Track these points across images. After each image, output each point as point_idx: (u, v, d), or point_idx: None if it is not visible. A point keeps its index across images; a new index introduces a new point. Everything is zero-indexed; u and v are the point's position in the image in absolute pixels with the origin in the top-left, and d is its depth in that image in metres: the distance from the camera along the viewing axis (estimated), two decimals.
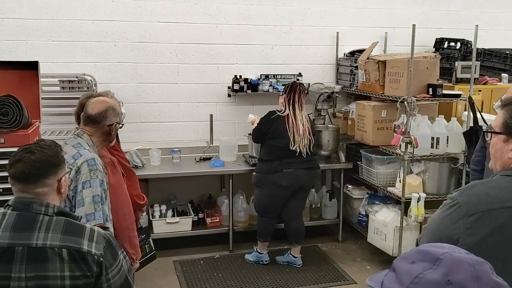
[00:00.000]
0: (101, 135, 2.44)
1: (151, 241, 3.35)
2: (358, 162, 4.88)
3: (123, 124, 2.63)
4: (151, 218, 4.69)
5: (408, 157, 4.13)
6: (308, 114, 4.40)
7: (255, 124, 4.45)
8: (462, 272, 0.80)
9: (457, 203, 1.47)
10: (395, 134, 4.12)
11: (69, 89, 4.35)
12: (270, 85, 5.05)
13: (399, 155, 4.22)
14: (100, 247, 1.66)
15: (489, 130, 1.68)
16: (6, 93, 3.01)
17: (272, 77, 5.12)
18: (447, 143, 4.27)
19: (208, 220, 4.87)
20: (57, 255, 1.58)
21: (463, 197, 1.48)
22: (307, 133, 4.23)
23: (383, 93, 4.49)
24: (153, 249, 3.35)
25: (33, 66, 3.32)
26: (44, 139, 1.77)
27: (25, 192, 1.64)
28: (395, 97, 4.24)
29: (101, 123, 2.42)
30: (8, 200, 1.68)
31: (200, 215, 4.91)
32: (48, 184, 1.66)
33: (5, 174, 1.79)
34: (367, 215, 4.75)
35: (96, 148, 2.41)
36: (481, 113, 4.19)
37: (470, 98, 4.16)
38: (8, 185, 1.72)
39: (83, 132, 2.39)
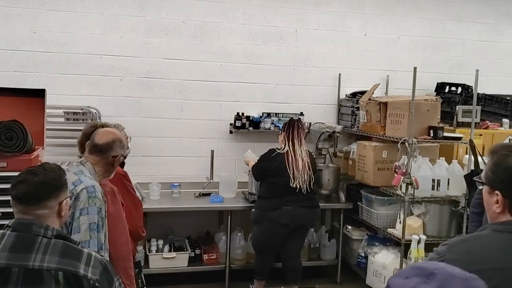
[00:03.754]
0: (104, 165, 2.45)
1: (143, 276, 3.30)
2: (358, 203, 4.86)
3: (126, 157, 2.64)
4: (147, 253, 4.63)
5: (409, 198, 4.12)
6: (308, 151, 4.41)
7: (251, 164, 4.47)
8: (455, 286, 0.79)
9: (445, 259, 1.37)
10: (395, 174, 4.12)
11: (74, 120, 4.40)
12: (272, 123, 5.10)
13: (400, 196, 4.21)
14: (96, 272, 1.64)
15: (478, 179, 1.66)
16: (12, 119, 3.05)
17: (274, 116, 5.18)
18: (448, 185, 4.27)
19: (205, 256, 4.81)
20: (53, 278, 1.57)
21: (452, 254, 1.41)
22: (307, 168, 4.22)
23: (384, 134, 4.53)
24: (145, 284, 3.29)
25: (40, 94, 3.37)
26: (48, 162, 1.78)
27: (26, 214, 1.64)
28: (396, 138, 4.27)
29: (106, 154, 2.44)
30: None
31: (197, 251, 4.85)
32: (49, 207, 1.66)
33: (7, 198, 1.79)
34: (366, 257, 4.69)
35: (97, 177, 2.41)
36: (482, 157, 4.20)
37: (471, 141, 4.19)
38: (9, 210, 1.72)
39: (87, 160, 2.41)
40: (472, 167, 4.21)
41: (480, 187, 1.63)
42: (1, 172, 3.06)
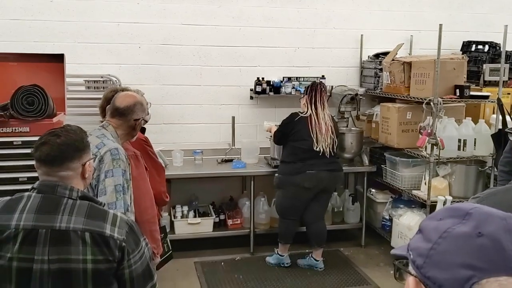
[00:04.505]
0: (126, 129, 2.45)
1: (168, 240, 3.34)
2: (382, 165, 4.80)
3: (146, 121, 2.62)
4: (172, 219, 4.69)
5: (434, 159, 4.05)
6: (331, 114, 4.35)
7: (272, 131, 4.43)
8: (493, 224, 0.75)
9: None
10: (420, 135, 4.04)
11: (94, 88, 4.40)
12: (293, 88, 5.02)
13: (425, 157, 4.13)
14: (122, 232, 1.64)
15: (510, 130, 1.60)
16: (32, 83, 3.06)
17: (295, 80, 5.09)
18: (475, 145, 4.17)
19: (229, 221, 4.85)
20: (80, 239, 1.58)
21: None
22: (330, 132, 4.17)
23: (409, 95, 4.42)
24: (171, 248, 3.34)
25: (59, 59, 3.37)
26: (70, 125, 1.78)
27: (50, 175, 1.65)
28: (421, 99, 4.16)
29: (128, 117, 2.43)
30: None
31: (222, 217, 4.90)
32: (73, 168, 1.66)
33: (31, 162, 1.80)
34: (391, 219, 4.66)
35: (120, 140, 2.41)
36: (511, 116, 4.08)
37: (499, 99, 4.05)
38: (34, 174, 1.73)
39: (109, 124, 2.41)
40: (500, 126, 4.09)
41: (511, 138, 1.56)
42: (24, 137, 3.10)
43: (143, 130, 3.31)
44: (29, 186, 1.70)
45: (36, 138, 1.72)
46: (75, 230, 1.58)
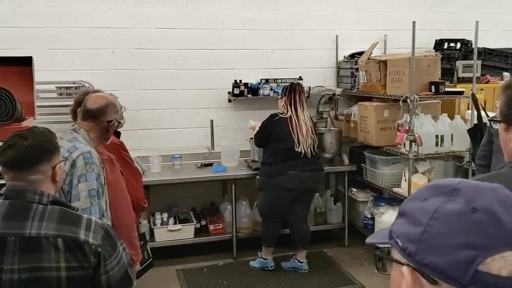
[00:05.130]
0: (98, 131, 2.37)
1: (148, 248, 3.26)
2: (362, 164, 4.81)
3: (120, 123, 2.55)
4: (152, 226, 4.61)
5: (413, 156, 4.06)
6: (310, 116, 4.34)
7: (256, 129, 4.39)
8: (485, 197, 0.69)
9: None
10: (398, 132, 4.05)
11: (67, 95, 4.30)
12: (271, 89, 5.00)
13: (404, 154, 4.14)
14: (98, 237, 1.58)
15: (493, 119, 1.60)
16: None
17: (273, 81, 5.07)
18: (452, 141, 4.20)
19: (211, 227, 4.78)
20: (52, 245, 1.50)
21: None
22: (311, 132, 4.17)
23: (385, 93, 4.44)
24: (151, 256, 3.26)
25: (27, 63, 3.27)
26: (37, 126, 1.70)
27: (18, 180, 1.57)
28: (397, 96, 4.18)
29: (100, 119, 2.35)
30: None
31: (203, 222, 4.82)
32: (42, 171, 1.59)
33: None
34: (373, 218, 4.66)
35: (93, 144, 2.33)
36: (485, 111, 4.12)
37: (473, 94, 4.10)
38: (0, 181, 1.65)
39: (80, 127, 2.33)
40: (475, 121, 4.13)
41: (496, 126, 1.55)
42: None
43: (118, 135, 3.24)
44: None
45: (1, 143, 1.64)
46: (47, 236, 1.51)
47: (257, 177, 4.34)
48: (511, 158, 1.47)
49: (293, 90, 4.21)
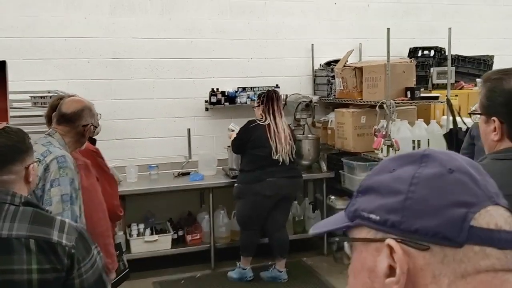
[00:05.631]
0: (74, 136, 2.32)
1: (124, 258, 3.19)
2: (340, 171, 4.82)
3: (96, 127, 2.50)
4: (128, 237, 4.51)
5: None
6: (288, 123, 4.35)
7: (233, 136, 4.38)
8: (456, 160, 0.69)
9: None
10: (375, 138, 4.08)
11: (41, 104, 4.20)
12: (248, 97, 5.00)
13: (381, 159, 4.17)
14: (71, 238, 1.53)
15: (473, 112, 1.63)
16: None
17: (250, 90, 5.08)
18: (428, 145, 4.25)
19: (189, 237, 4.71)
20: (24, 246, 1.45)
21: None
22: (289, 139, 4.17)
23: (362, 99, 4.48)
24: (127, 267, 3.19)
25: (1, 68, 3.20)
26: (10, 126, 1.65)
27: None
28: (373, 102, 4.23)
29: (75, 123, 2.31)
30: None
31: (180, 233, 4.76)
32: (15, 171, 1.54)
33: None
34: None
35: (68, 148, 2.28)
36: (460, 116, 4.20)
37: (448, 100, 4.17)
38: None
39: (55, 131, 2.27)
40: (451, 126, 4.20)
41: (476, 120, 1.57)
42: None
43: (93, 141, 3.18)
44: None
45: None
46: (18, 237, 1.45)
47: (235, 184, 4.31)
48: (492, 149, 1.49)
49: (270, 98, 4.22)
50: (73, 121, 2.29)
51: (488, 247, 0.65)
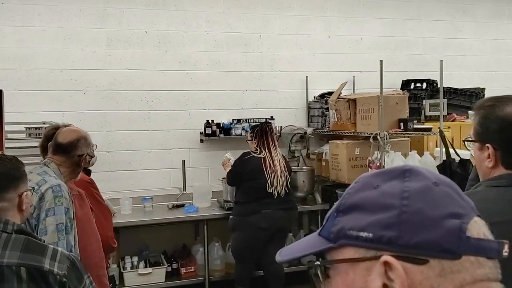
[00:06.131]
0: (70, 165, 2.32)
1: None
2: (334, 203, 4.79)
3: (92, 157, 2.50)
4: (122, 270, 4.44)
5: None
6: (283, 155, 4.36)
7: (226, 169, 4.38)
8: (436, 174, 0.70)
9: None
10: (370, 169, 4.09)
11: (36, 135, 4.21)
12: (243, 129, 5.02)
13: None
14: (63, 267, 1.51)
15: (468, 139, 1.64)
16: None
17: (245, 121, 5.10)
18: None
19: (183, 270, 4.64)
20: (15, 274, 1.43)
21: None
22: (284, 170, 4.16)
23: (355, 131, 4.51)
24: None
25: None
26: (5, 154, 1.65)
27: None
28: (367, 133, 4.26)
29: (71, 153, 2.31)
30: None
31: (174, 266, 4.68)
32: (8, 199, 1.53)
33: None
34: None
35: (63, 178, 2.28)
36: (453, 147, 4.22)
37: (441, 131, 4.20)
38: None
39: (51, 161, 2.27)
40: (444, 158, 4.22)
41: (470, 148, 1.58)
42: None
43: (88, 172, 3.17)
44: None
45: None
46: (9, 265, 1.44)
47: (230, 217, 4.28)
48: (486, 176, 1.49)
49: (264, 132, 4.22)
50: (69, 151, 2.29)
51: (481, 257, 0.66)
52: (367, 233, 0.66)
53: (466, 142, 1.61)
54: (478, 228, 0.67)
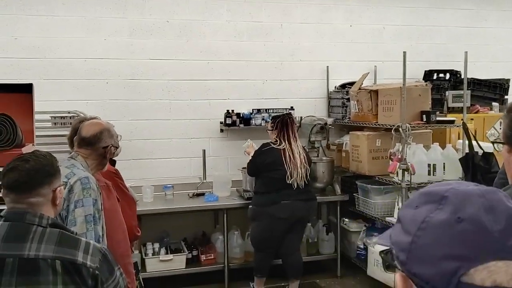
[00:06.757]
0: (96, 158, 2.37)
1: (140, 277, 3.22)
2: (354, 194, 4.81)
3: (117, 147, 2.55)
4: (143, 256, 4.54)
5: (406, 185, 4.08)
6: (302, 145, 4.37)
7: (250, 155, 4.40)
8: (472, 206, 0.69)
9: None
10: (391, 161, 4.08)
11: (61, 125, 4.29)
12: (263, 119, 5.03)
13: (396, 183, 4.17)
14: (95, 260, 1.56)
15: (497, 140, 1.62)
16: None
17: (264, 112, 5.11)
18: (444, 170, 4.24)
19: (203, 257, 4.72)
20: (50, 267, 1.48)
21: None
22: (303, 162, 4.17)
23: (377, 122, 4.49)
24: (143, 286, 3.22)
25: (27, 90, 3.29)
26: (39, 150, 1.70)
27: (19, 203, 1.56)
28: (389, 125, 4.23)
29: (95, 145, 2.36)
30: None
31: (194, 253, 4.76)
32: (43, 194, 1.58)
33: None
34: (365, 248, 4.64)
35: (90, 170, 2.33)
36: (476, 140, 4.18)
37: (464, 123, 4.16)
38: (1, 207, 1.64)
39: (78, 154, 2.33)
40: (467, 150, 4.18)
41: (499, 149, 1.57)
42: None
43: (113, 162, 3.23)
44: None
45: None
46: (45, 258, 1.49)
47: (250, 206, 4.32)
48: None
49: (284, 123, 4.22)
50: (93, 144, 2.34)
51: None
52: (394, 249, 0.75)
53: (495, 144, 1.60)
54: (487, 274, 0.66)
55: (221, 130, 5.11)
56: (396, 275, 0.75)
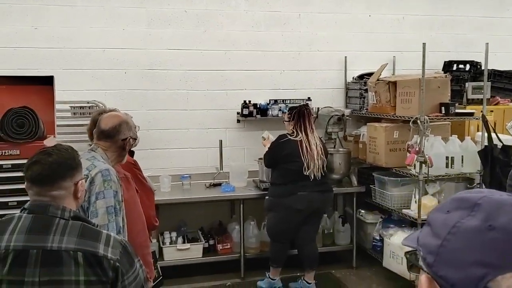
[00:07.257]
0: (115, 150, 2.40)
1: (158, 266, 3.27)
2: (370, 186, 4.80)
3: (136, 139, 2.58)
4: (161, 245, 4.60)
5: (423, 177, 4.06)
6: (318, 136, 4.36)
7: (267, 146, 4.41)
8: (504, 215, 0.70)
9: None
10: (408, 154, 4.06)
11: (81, 114, 4.35)
12: (279, 110, 5.03)
13: (414, 175, 4.14)
14: (116, 252, 1.60)
15: None
16: (22, 105, 3.02)
17: (281, 102, 5.11)
18: (462, 162, 4.20)
19: (219, 246, 4.77)
20: (72, 259, 1.52)
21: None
22: (321, 153, 4.17)
23: (395, 114, 4.45)
24: (161, 274, 3.27)
25: (48, 82, 3.33)
26: (61, 144, 1.74)
27: (41, 195, 1.60)
28: (407, 117, 4.20)
29: (115, 138, 2.39)
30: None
31: (211, 242, 4.82)
32: (65, 187, 1.62)
33: (21, 186, 1.75)
34: (381, 240, 4.63)
35: (110, 162, 2.36)
36: (496, 132, 4.13)
37: (483, 116, 4.11)
38: (24, 198, 1.68)
39: (97, 147, 2.36)
40: (486, 143, 4.14)
41: None
42: (14, 160, 3.03)
43: (131, 154, 3.27)
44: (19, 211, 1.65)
45: (26, 161, 1.67)
46: (67, 250, 1.53)
47: (266, 197, 4.34)
48: None
49: (302, 114, 4.20)
50: (112, 136, 2.37)
51: None
52: (422, 251, 0.76)
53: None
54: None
55: (238, 121, 5.12)
56: (421, 277, 0.76)
